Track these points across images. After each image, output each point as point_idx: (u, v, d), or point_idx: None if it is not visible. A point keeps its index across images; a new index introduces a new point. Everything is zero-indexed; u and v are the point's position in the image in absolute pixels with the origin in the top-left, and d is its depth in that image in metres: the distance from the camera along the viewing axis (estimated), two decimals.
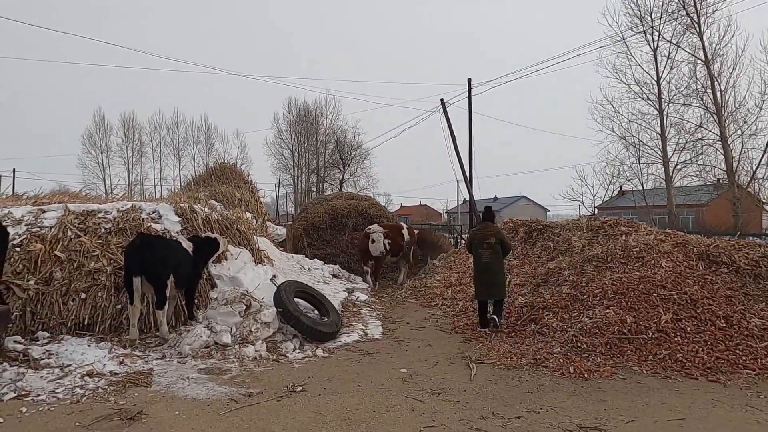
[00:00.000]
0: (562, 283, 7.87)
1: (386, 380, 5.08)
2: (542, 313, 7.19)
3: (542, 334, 6.66)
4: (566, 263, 8.52)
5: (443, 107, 18.04)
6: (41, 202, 8.50)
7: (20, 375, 4.96)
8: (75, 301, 6.96)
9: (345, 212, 13.33)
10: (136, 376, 5.02)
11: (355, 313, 8.36)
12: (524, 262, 9.80)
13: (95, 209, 8.33)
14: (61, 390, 4.63)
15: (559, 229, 10.28)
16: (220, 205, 10.98)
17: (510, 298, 8.26)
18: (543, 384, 5.00)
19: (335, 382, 4.99)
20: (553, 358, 5.77)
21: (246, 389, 4.73)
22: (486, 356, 5.96)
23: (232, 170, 13.75)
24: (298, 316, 6.36)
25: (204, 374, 5.17)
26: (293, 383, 4.88)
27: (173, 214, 8.63)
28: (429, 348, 6.42)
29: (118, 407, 4.24)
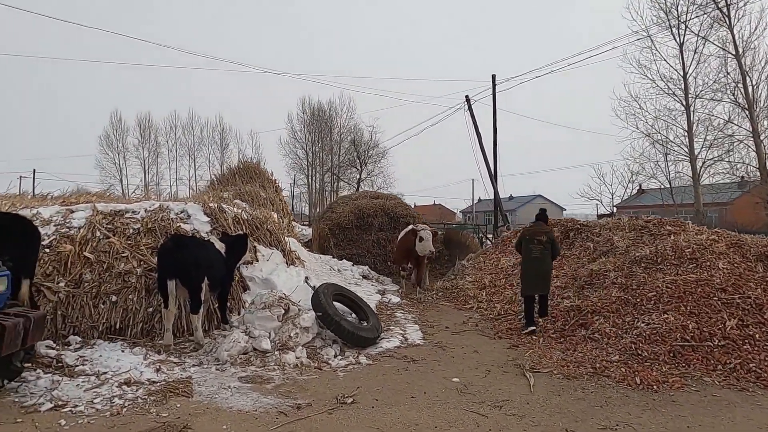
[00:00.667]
0: (609, 286, 7.48)
1: (440, 391, 4.75)
2: (591, 318, 6.81)
3: (595, 341, 6.29)
4: (611, 264, 8.11)
5: (468, 104, 17.67)
6: (69, 202, 8.31)
7: (55, 383, 4.72)
8: (106, 304, 6.74)
9: (371, 212, 13.02)
10: (175, 385, 4.75)
11: (390, 317, 8.04)
12: (563, 263, 9.40)
13: (123, 209, 8.12)
14: (100, 400, 4.38)
15: (599, 229, 9.87)
16: (246, 204, 10.74)
17: (553, 300, 7.89)
18: (611, 396, 4.64)
19: (386, 393, 4.67)
20: (613, 366, 5.40)
21: (293, 400, 4.44)
22: (539, 364, 5.61)
23: (256, 169, 13.49)
24: (339, 320, 6.06)
25: (246, 383, 4.89)
26: (342, 394, 4.57)
27: (202, 213, 8.39)
28: (476, 355, 6.07)
29: (162, 420, 3.97)
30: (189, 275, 6.00)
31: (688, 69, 24.26)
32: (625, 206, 43.13)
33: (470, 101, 17.73)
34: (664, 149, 25.03)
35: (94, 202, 8.32)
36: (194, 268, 6.08)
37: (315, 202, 46.62)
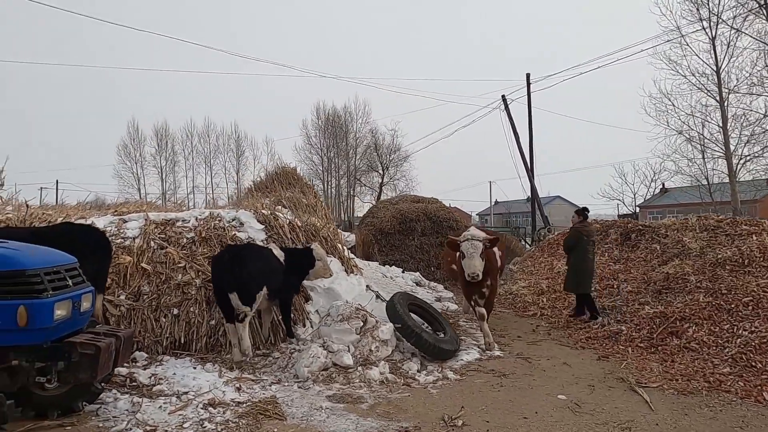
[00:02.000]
0: (693, 291, 7.03)
1: (551, 410, 4.35)
2: (681, 325, 6.37)
3: (693, 350, 5.84)
4: (689, 267, 7.66)
5: (504, 104, 17.26)
6: (120, 212, 8.06)
7: (136, 405, 4.40)
8: (167, 317, 6.46)
9: (413, 216, 12.66)
10: (263, 406, 4.41)
11: (455, 325, 7.65)
12: (629, 266, 8.95)
13: (174, 218, 7.85)
14: (189, 424, 4.05)
15: (664, 230, 9.39)
16: (288, 211, 10.44)
17: (629, 306, 7.46)
18: (746, 416, 4.20)
19: (494, 414, 4.29)
20: (729, 380, 4.96)
21: (397, 423, 4.07)
22: (643, 377, 5.18)
23: (293, 175, 13.16)
24: (420, 332, 5.70)
25: (337, 402, 4.53)
26: (448, 416, 4.19)
27: (255, 221, 8.10)
28: (567, 368, 5.66)
29: None
30: (246, 289, 5.66)
31: (721, 63, 23.63)
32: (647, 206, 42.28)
33: (506, 101, 17.33)
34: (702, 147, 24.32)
35: (145, 211, 8.07)
36: (252, 281, 5.73)
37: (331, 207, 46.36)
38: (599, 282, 8.81)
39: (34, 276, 3.38)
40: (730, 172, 23.89)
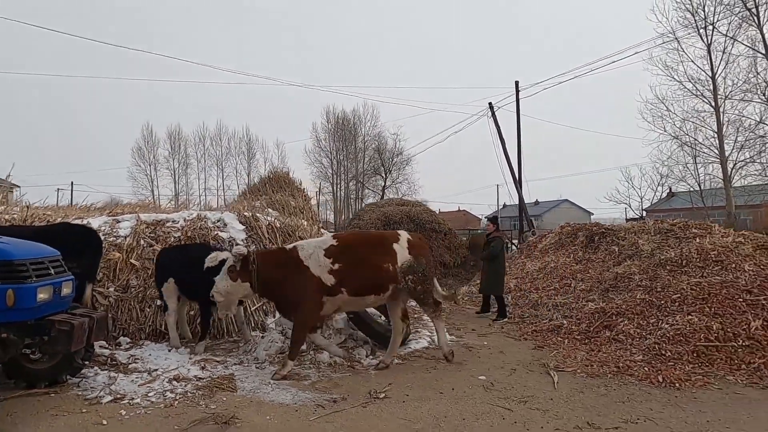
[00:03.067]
0: (634, 289, 7.61)
1: (467, 387, 5.00)
2: (616, 320, 6.95)
3: (619, 341, 6.44)
4: (636, 267, 8.23)
5: (491, 111, 17.87)
6: (115, 213, 8.87)
7: (112, 379, 5.15)
8: (151, 307, 7.23)
9: (397, 218, 13.35)
10: (220, 381, 5.12)
11: (418, 319, 8.30)
12: (588, 266, 9.52)
13: (164, 219, 8.62)
14: (153, 394, 4.77)
15: (624, 233, 9.95)
16: (276, 213, 11.18)
17: (578, 303, 8.06)
18: (633, 393, 4.81)
19: (416, 389, 4.95)
20: (636, 366, 5.56)
21: (329, 395, 4.76)
22: (564, 364, 5.80)
23: (285, 178, 13.95)
24: (370, 322, 6.37)
25: (284, 380, 5.23)
26: (375, 390, 4.86)
27: (237, 222, 8.84)
28: (502, 355, 6.29)
29: (211, 411, 4.33)
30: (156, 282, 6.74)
31: (716, 69, 23.94)
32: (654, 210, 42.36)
33: (493, 108, 17.95)
34: (693, 151, 24.65)
35: (137, 212, 8.87)
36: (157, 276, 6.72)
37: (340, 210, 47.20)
38: (559, 281, 9.41)
39: (21, 265, 4.13)
40: (725, 177, 24.21)
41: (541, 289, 9.53)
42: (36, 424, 4.05)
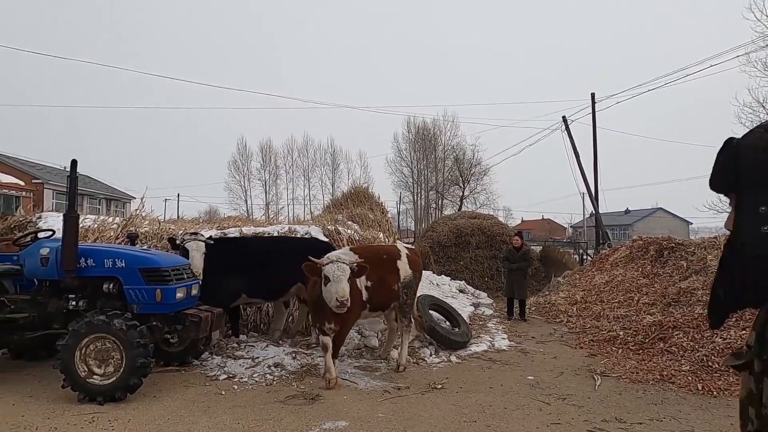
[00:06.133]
0: (694, 303, 7.82)
1: (515, 385, 5.74)
2: (671, 332, 7.26)
3: (671, 353, 6.78)
4: (700, 283, 8.39)
5: (565, 124, 17.97)
6: (223, 226, 10.50)
7: (224, 362, 6.48)
8: (252, 308, 8.63)
9: (468, 231, 14.06)
10: (308, 369, 6.27)
11: (482, 326, 9.04)
12: (654, 281, 9.71)
13: (261, 231, 10.08)
14: (257, 375, 6.01)
15: (694, 248, 9.99)
16: (357, 225, 12.38)
17: (638, 316, 8.37)
18: (668, 398, 5.29)
19: (469, 384, 5.77)
20: (680, 375, 5.95)
21: (395, 384, 5.72)
22: (611, 370, 6.31)
23: (364, 193, 15.19)
24: (433, 326, 7.25)
25: (359, 370, 6.27)
26: (434, 381, 5.75)
27: (322, 234, 10.11)
28: (554, 360, 6.90)
29: (301, 390, 5.46)
30: None
31: None
32: None
33: (567, 121, 18.04)
34: None
35: (239, 225, 10.43)
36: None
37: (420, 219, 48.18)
38: (623, 294, 9.68)
39: (165, 271, 5.52)
40: None
41: (605, 301, 9.85)
42: (175, 392, 5.40)
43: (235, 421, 4.57)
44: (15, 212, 22.24)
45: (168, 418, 4.63)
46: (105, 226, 9.63)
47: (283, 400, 5.15)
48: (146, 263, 5.47)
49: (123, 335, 4.98)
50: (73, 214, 5.40)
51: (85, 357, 5.04)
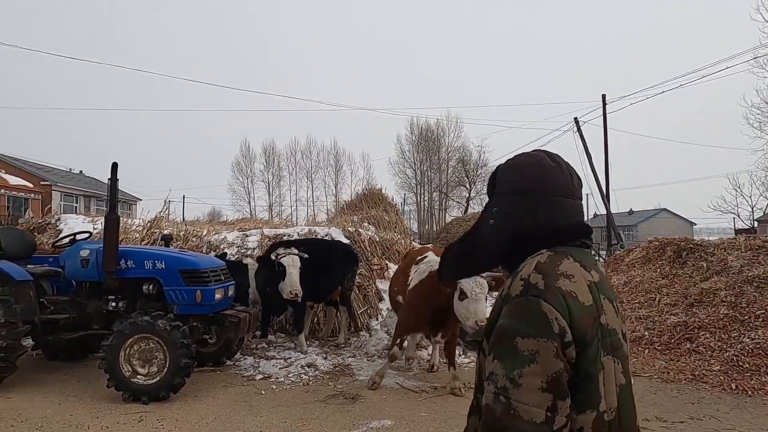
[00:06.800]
0: (718, 304, 7.87)
1: None
2: (697, 333, 7.31)
3: (699, 353, 6.83)
4: (722, 283, 8.42)
5: (577, 125, 18.05)
6: (244, 228, 10.58)
7: (257, 362, 6.55)
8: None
9: None
10: (341, 369, 6.34)
11: None
12: (674, 281, 9.74)
13: (281, 233, 10.16)
14: (292, 375, 6.08)
15: (713, 249, 10.02)
16: (373, 227, 12.46)
17: (661, 316, 8.41)
18: (704, 397, 5.35)
19: None
20: (712, 375, 6.01)
21: (431, 383, 5.78)
22: (641, 370, 6.37)
23: (378, 195, 15.30)
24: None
25: (392, 371, 6.32)
26: (468, 381, 5.80)
27: (343, 236, 10.18)
28: None
29: (339, 390, 5.52)
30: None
31: None
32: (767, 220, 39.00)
33: (579, 123, 18.11)
34: None
35: (261, 227, 10.52)
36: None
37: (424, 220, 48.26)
38: (644, 295, 9.73)
39: (204, 273, 5.59)
40: None
41: (625, 302, 9.89)
42: (215, 391, 5.47)
43: (281, 420, 4.64)
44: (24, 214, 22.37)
45: (215, 417, 4.70)
46: (128, 227, 9.72)
47: (323, 400, 5.21)
48: (186, 264, 5.54)
49: (167, 335, 5.05)
50: (114, 216, 5.47)
51: (129, 357, 5.11)
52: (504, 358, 0.98)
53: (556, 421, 0.94)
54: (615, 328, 1.06)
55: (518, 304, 1.01)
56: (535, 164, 1.19)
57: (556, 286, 1.01)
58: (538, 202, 1.15)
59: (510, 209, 1.18)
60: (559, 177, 1.17)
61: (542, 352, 0.95)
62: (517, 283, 1.05)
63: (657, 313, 8.61)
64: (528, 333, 0.97)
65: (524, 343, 0.96)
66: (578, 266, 1.08)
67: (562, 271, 1.05)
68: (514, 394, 0.94)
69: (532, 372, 0.94)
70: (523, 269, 1.08)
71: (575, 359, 0.98)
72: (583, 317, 1.00)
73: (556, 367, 0.95)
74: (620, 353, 1.06)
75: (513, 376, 0.95)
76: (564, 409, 0.95)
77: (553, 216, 1.15)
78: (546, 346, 0.95)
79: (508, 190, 1.19)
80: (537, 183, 1.16)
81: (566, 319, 0.98)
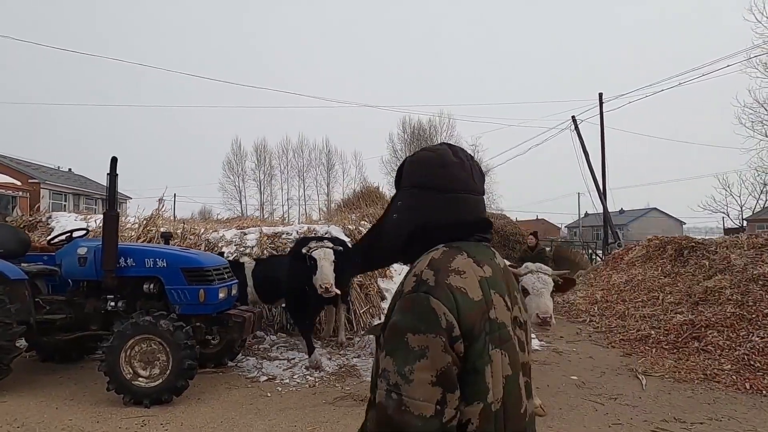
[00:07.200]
0: (724, 302, 7.82)
1: (561, 385, 5.68)
2: (705, 332, 7.25)
3: (708, 352, 6.77)
4: (727, 282, 8.38)
5: (575, 124, 18.01)
6: (242, 226, 10.36)
7: (260, 363, 6.37)
8: (277, 308, 8.51)
9: None
10: (347, 369, 6.18)
11: None
12: (676, 279, 9.70)
13: (280, 231, 9.97)
14: (297, 377, 5.91)
15: (715, 247, 10.00)
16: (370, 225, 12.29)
17: (666, 315, 8.36)
18: (719, 397, 5.26)
19: None
20: (724, 374, 5.93)
21: None
22: (652, 369, 6.28)
23: (376, 193, 15.13)
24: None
25: None
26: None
27: (343, 234, 10.00)
28: (591, 360, 6.86)
29: (347, 392, 5.36)
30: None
31: None
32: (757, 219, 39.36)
33: (576, 121, 18.07)
34: None
35: (260, 226, 10.30)
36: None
37: None
38: (646, 293, 9.68)
39: (208, 271, 5.40)
40: None
41: (628, 300, 9.84)
42: (219, 393, 5.28)
43: (290, 423, 4.47)
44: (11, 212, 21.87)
45: (221, 421, 4.52)
46: (123, 225, 9.47)
47: (332, 402, 5.05)
48: (189, 263, 5.35)
49: (170, 336, 4.87)
50: (114, 212, 5.27)
51: (130, 359, 4.91)
52: (395, 355, 1.00)
53: (446, 413, 0.97)
54: (504, 322, 1.08)
55: (409, 300, 1.03)
56: (435, 159, 1.20)
57: (446, 283, 1.03)
58: (436, 197, 1.17)
59: (411, 204, 1.20)
60: (458, 172, 1.18)
61: (431, 347, 0.97)
62: (410, 279, 1.07)
63: (662, 312, 8.56)
64: (418, 329, 0.99)
65: (414, 339, 0.98)
66: (471, 262, 1.09)
67: (454, 267, 1.06)
68: (405, 390, 0.96)
69: (421, 367, 0.96)
70: (417, 265, 1.10)
71: (464, 353, 1.00)
72: (472, 312, 1.02)
73: (445, 361, 0.97)
74: (508, 345, 1.07)
75: (404, 372, 0.97)
76: (453, 401, 0.98)
77: (450, 211, 1.16)
78: (435, 341, 0.98)
79: (410, 184, 1.21)
80: (436, 178, 1.17)
81: (454, 314, 0.99)
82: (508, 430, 1.04)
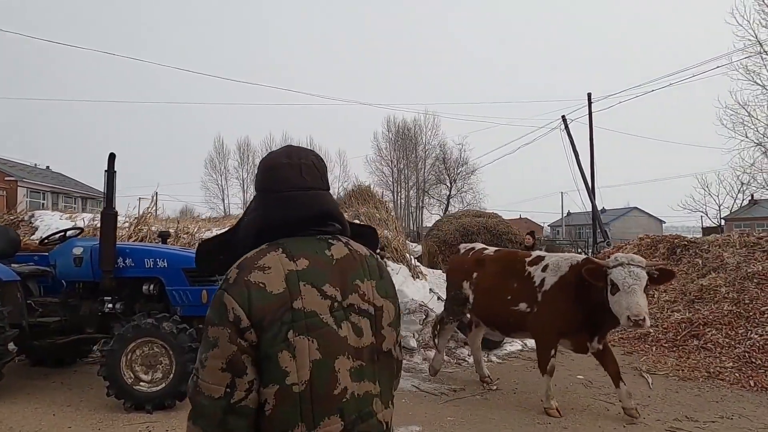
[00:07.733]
0: (720, 300, 7.90)
1: (569, 385, 5.66)
2: (704, 330, 7.32)
3: (708, 350, 6.82)
4: (722, 280, 8.48)
5: (565, 123, 18.16)
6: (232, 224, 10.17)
7: None
8: None
9: (474, 229, 14.02)
10: None
11: None
12: None
13: None
14: None
15: (708, 245, 10.12)
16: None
17: (663, 313, 8.42)
18: (725, 395, 5.29)
19: (522, 384, 5.67)
20: (727, 372, 5.98)
21: (449, 386, 5.57)
22: (655, 368, 6.30)
23: (368, 192, 15.02)
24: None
25: (406, 372, 6.09)
26: (487, 383, 5.62)
27: None
28: (592, 359, 6.80)
29: None
30: None
31: None
32: (734, 218, 40.32)
33: (566, 121, 18.23)
34: None
35: None
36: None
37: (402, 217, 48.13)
38: None
39: None
40: None
41: None
42: None
43: None
44: None
45: None
46: None
47: None
48: (191, 263, 5.16)
49: (173, 339, 4.69)
50: (112, 211, 5.08)
51: (131, 363, 4.73)
52: (202, 343, 1.13)
53: (235, 395, 1.06)
54: (315, 310, 1.11)
55: (214, 297, 1.14)
56: (266, 163, 1.29)
57: (244, 279, 1.10)
58: (268, 198, 1.25)
59: (254, 206, 1.29)
60: (287, 173, 1.24)
61: (221, 338, 1.08)
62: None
63: (658, 310, 8.61)
64: (213, 321, 1.11)
65: (210, 330, 1.11)
66: (282, 257, 1.14)
67: (260, 264, 1.12)
68: (200, 374, 1.09)
69: (214, 355, 1.08)
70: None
71: (257, 341, 1.07)
72: (266, 305, 1.08)
73: (231, 350, 1.07)
74: (321, 333, 1.11)
75: (202, 359, 1.10)
76: (242, 384, 1.07)
77: (281, 211, 1.22)
78: (223, 333, 1.08)
79: (255, 188, 1.30)
80: (267, 181, 1.26)
81: (244, 308, 1.07)
82: (317, 410, 1.08)
